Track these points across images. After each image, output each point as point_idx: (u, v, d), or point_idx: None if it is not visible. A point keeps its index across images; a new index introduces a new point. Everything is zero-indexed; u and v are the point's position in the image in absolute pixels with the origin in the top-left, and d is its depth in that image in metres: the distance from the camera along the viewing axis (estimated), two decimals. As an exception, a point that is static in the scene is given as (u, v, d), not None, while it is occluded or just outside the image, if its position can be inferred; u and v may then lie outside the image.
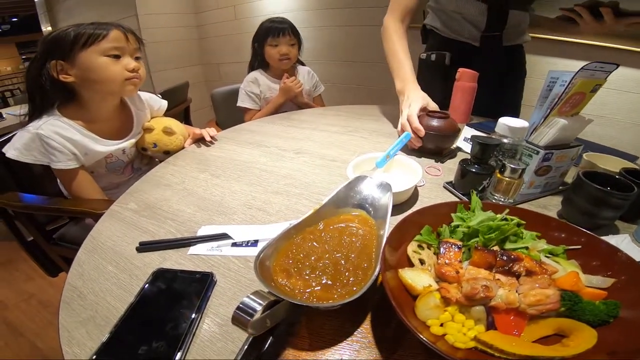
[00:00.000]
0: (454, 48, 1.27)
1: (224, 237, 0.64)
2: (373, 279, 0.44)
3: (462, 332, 0.40)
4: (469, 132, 1.06)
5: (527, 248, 0.49)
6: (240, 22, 3.21)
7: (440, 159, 0.94)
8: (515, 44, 1.26)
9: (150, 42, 3.09)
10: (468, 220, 0.53)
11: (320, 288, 0.46)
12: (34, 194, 1.01)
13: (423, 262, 0.49)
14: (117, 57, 0.94)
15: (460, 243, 0.50)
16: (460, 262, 0.48)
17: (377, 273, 0.45)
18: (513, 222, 0.51)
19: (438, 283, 0.45)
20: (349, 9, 2.55)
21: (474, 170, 0.71)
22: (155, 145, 1.11)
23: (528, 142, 0.71)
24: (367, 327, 0.46)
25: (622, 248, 0.45)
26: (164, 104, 1.25)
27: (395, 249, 0.50)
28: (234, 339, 0.45)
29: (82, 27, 0.90)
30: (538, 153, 0.69)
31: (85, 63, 0.90)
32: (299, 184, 0.84)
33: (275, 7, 2.92)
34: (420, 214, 0.55)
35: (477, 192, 0.64)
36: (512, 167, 0.64)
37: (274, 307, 0.40)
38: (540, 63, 1.80)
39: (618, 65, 0.63)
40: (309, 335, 0.45)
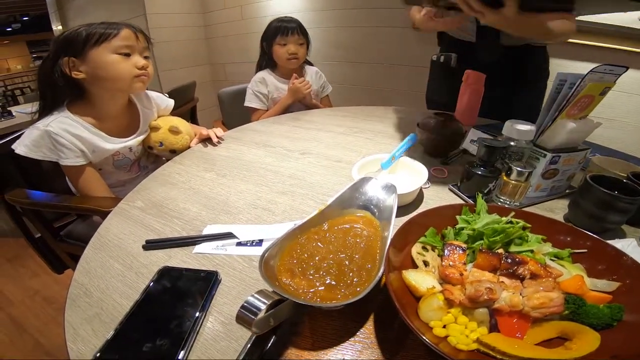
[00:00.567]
0: (462, 49, 1.26)
1: (229, 236, 0.64)
2: (377, 280, 0.44)
3: (464, 334, 0.40)
4: (475, 134, 1.05)
5: (532, 251, 0.49)
6: (247, 22, 3.22)
7: (446, 161, 0.94)
8: (522, 45, 1.24)
9: (159, 41, 3.11)
10: (473, 223, 0.53)
11: (324, 288, 0.46)
12: (43, 191, 1.02)
13: (427, 263, 0.49)
14: (127, 54, 0.96)
15: (465, 245, 0.50)
16: (465, 264, 0.47)
17: (380, 274, 0.45)
18: (518, 225, 0.51)
19: (441, 285, 0.45)
20: (356, 10, 2.54)
21: (480, 173, 0.71)
22: (162, 144, 1.12)
23: (535, 144, 0.71)
24: (370, 327, 0.46)
25: (628, 252, 0.45)
26: (171, 103, 1.26)
27: (400, 250, 0.50)
28: (237, 338, 0.45)
29: (93, 26, 0.92)
30: (545, 156, 0.68)
31: (96, 60, 0.92)
32: (304, 185, 0.85)
33: (282, 7, 2.92)
34: (425, 216, 0.55)
35: (482, 194, 0.64)
36: (518, 169, 0.64)
37: (278, 306, 0.40)
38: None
39: (627, 68, 0.62)
40: (312, 335, 0.45)
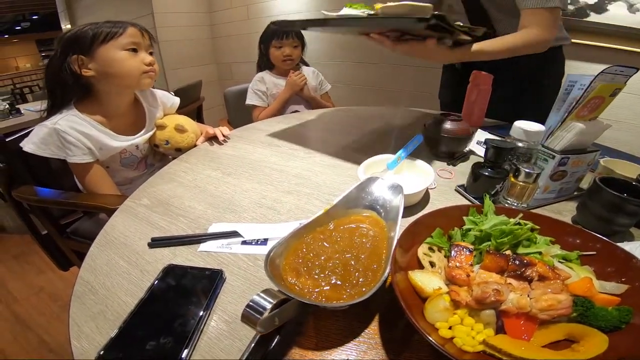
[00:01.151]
0: None
1: (234, 234, 0.64)
2: (382, 281, 0.44)
3: (470, 335, 0.39)
4: (482, 135, 1.05)
5: (540, 253, 0.48)
6: (253, 21, 3.23)
7: (452, 162, 0.93)
8: None
9: (165, 40, 3.13)
10: (480, 224, 0.52)
11: (330, 288, 0.46)
12: (51, 189, 1.03)
13: (433, 264, 0.48)
14: (134, 50, 0.97)
15: (472, 246, 0.49)
16: (471, 265, 0.47)
17: (386, 274, 0.45)
18: (527, 226, 0.50)
19: (448, 286, 0.45)
20: (361, 9, 2.54)
21: (487, 174, 0.71)
22: (167, 142, 1.13)
23: (544, 146, 0.70)
24: (374, 328, 0.46)
25: (637, 255, 0.45)
26: (176, 101, 1.27)
27: (406, 251, 0.49)
28: (241, 337, 0.45)
29: (99, 25, 0.93)
30: (554, 157, 0.67)
31: (105, 57, 0.93)
32: (310, 184, 0.84)
33: (288, 7, 2.92)
34: (432, 217, 0.55)
35: (489, 196, 0.63)
36: (526, 171, 0.63)
37: (283, 305, 0.40)
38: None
39: (638, 69, 0.62)
40: (316, 335, 0.45)
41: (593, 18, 1.67)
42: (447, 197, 0.77)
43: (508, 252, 0.49)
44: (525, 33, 0.95)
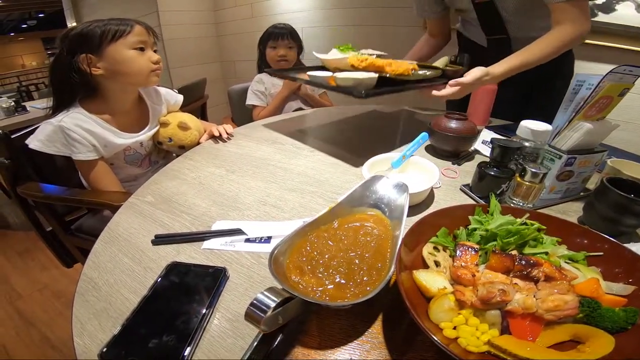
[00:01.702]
0: (475, 50, 1.25)
1: (238, 232, 0.64)
2: (387, 280, 0.43)
3: (475, 335, 0.39)
4: (488, 135, 1.04)
5: (546, 253, 0.48)
6: (257, 20, 3.22)
7: (457, 161, 0.93)
8: None
9: (170, 38, 3.13)
10: (486, 224, 0.52)
11: (334, 287, 0.46)
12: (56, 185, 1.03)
13: (438, 264, 0.48)
14: (142, 49, 0.97)
15: (477, 246, 0.49)
16: (477, 265, 0.47)
17: (390, 274, 0.45)
18: (533, 226, 0.50)
19: (453, 286, 0.44)
20: (364, 9, 2.53)
21: (493, 174, 0.70)
22: (171, 140, 1.13)
23: (551, 146, 0.70)
24: (378, 327, 0.46)
25: (643, 256, 0.44)
26: (180, 99, 1.27)
27: (411, 250, 0.49)
28: (244, 335, 0.45)
29: (106, 23, 0.92)
30: (560, 157, 0.67)
31: (114, 56, 0.93)
32: (314, 182, 0.84)
33: (291, 5, 2.92)
34: (437, 216, 0.54)
35: (495, 196, 0.63)
36: (533, 171, 0.62)
37: (286, 304, 0.40)
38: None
39: (647, 69, 0.61)
40: (319, 334, 0.45)
41: (601, 18, 1.66)
42: (452, 196, 0.77)
43: (514, 252, 0.48)
44: (560, 32, 0.94)
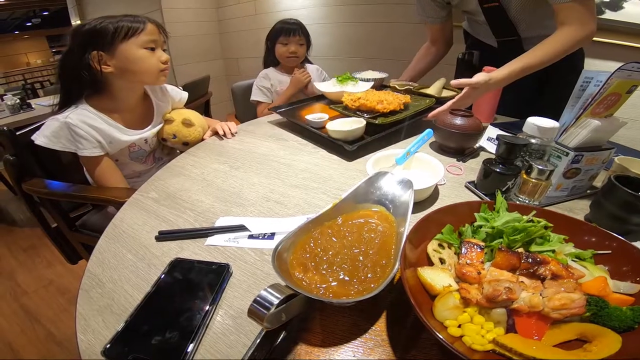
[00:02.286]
0: (483, 48, 1.25)
1: (241, 228, 0.64)
2: (391, 277, 0.43)
3: (480, 334, 0.39)
4: (493, 131, 1.03)
5: (553, 251, 0.47)
6: (260, 17, 3.22)
7: (462, 158, 0.92)
8: None
9: (174, 36, 3.13)
10: (492, 221, 0.51)
11: (337, 284, 0.46)
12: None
13: (443, 261, 0.48)
14: (152, 49, 0.97)
15: (483, 244, 0.48)
16: (482, 263, 0.46)
17: (395, 271, 0.44)
18: (540, 224, 0.49)
19: (458, 283, 0.44)
20: (367, 5, 2.52)
21: (499, 170, 0.69)
22: (175, 136, 1.13)
23: (558, 143, 0.69)
24: (382, 325, 0.45)
25: (652, 255, 0.43)
26: (184, 96, 1.27)
27: (415, 247, 0.49)
28: (247, 332, 0.45)
29: (119, 19, 0.92)
30: (567, 154, 0.66)
31: (126, 55, 0.93)
32: (317, 178, 0.84)
33: (294, 2, 2.91)
34: (442, 213, 0.54)
35: (501, 193, 0.62)
36: (539, 168, 0.62)
37: (290, 301, 0.40)
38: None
39: (656, 65, 0.60)
40: (323, 332, 0.45)
41: (608, 15, 1.63)
42: (457, 193, 0.76)
43: (520, 249, 0.48)
44: (565, 34, 0.92)
